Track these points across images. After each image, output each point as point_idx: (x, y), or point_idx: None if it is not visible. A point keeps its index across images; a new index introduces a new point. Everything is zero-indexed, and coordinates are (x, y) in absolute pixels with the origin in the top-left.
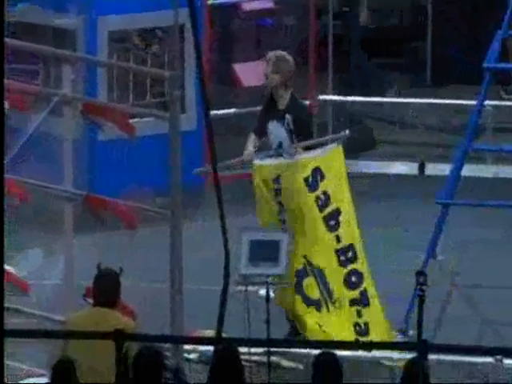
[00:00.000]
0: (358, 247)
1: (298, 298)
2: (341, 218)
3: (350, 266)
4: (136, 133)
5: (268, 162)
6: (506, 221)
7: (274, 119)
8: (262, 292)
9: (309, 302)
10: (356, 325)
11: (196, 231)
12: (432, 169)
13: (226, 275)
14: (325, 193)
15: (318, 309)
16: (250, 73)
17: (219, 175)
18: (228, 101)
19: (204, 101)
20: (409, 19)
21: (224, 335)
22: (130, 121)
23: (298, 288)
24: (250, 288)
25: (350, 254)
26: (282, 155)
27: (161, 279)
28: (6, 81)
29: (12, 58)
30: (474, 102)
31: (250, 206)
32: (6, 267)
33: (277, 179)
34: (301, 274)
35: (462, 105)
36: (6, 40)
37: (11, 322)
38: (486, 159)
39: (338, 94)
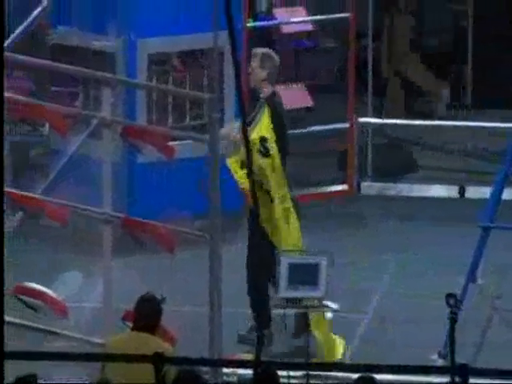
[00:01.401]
0: None
1: None
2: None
3: None
4: (175, 155)
5: (233, 156)
6: None
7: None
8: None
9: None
10: None
11: (235, 254)
12: (472, 192)
13: (267, 295)
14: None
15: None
16: (289, 95)
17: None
18: None
19: (243, 123)
20: (449, 42)
21: (263, 358)
22: (169, 143)
23: None
24: (289, 311)
25: None
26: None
27: (200, 302)
28: (46, 104)
29: (52, 80)
30: None
31: None
32: (46, 290)
33: (242, 165)
34: None
35: (503, 128)
36: (48, 63)
37: (51, 345)
38: None
39: (377, 117)
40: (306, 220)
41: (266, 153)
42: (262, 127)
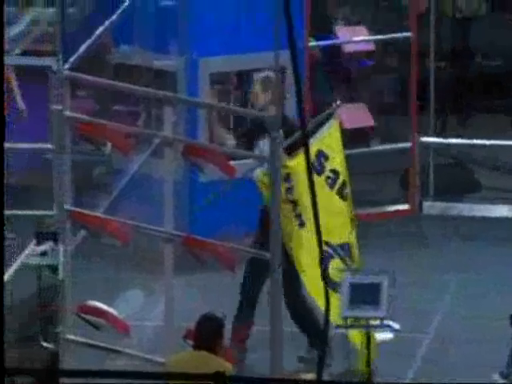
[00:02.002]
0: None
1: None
2: (347, 191)
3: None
4: (236, 174)
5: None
6: None
7: (264, 137)
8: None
9: (333, 285)
10: None
11: None
12: None
13: (327, 318)
14: (333, 171)
15: None
16: (352, 114)
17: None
18: None
19: (305, 143)
20: (511, 60)
21: (324, 378)
22: (231, 162)
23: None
24: (351, 331)
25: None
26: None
27: (261, 321)
28: (108, 123)
29: (114, 99)
30: None
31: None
32: (108, 308)
33: (287, 178)
34: (325, 262)
35: None
36: (110, 82)
37: (113, 363)
38: None
39: (440, 137)
40: (368, 239)
41: (321, 171)
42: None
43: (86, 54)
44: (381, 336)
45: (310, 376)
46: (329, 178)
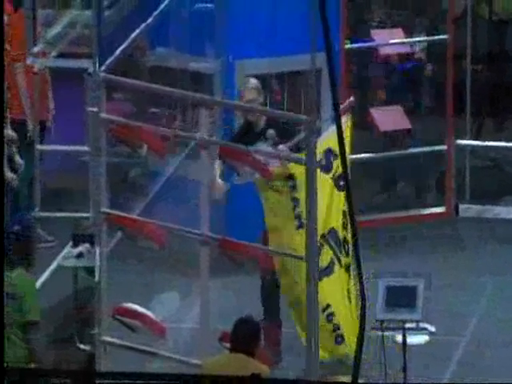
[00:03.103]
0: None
1: None
2: (342, 183)
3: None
4: (272, 176)
5: (275, 164)
6: None
7: (254, 143)
8: (399, 338)
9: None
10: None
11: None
12: None
13: (363, 320)
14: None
15: (329, 274)
16: (386, 117)
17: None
18: (364, 145)
19: (341, 145)
20: None
21: (360, 381)
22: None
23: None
24: (387, 333)
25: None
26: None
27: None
28: (144, 125)
29: (150, 102)
30: None
31: (382, 253)
32: (144, 311)
33: (291, 177)
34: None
35: None
36: (146, 84)
37: (149, 366)
38: None
39: (476, 139)
40: (404, 242)
41: (329, 169)
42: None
43: (122, 57)
44: (417, 338)
45: (346, 379)
46: (336, 172)
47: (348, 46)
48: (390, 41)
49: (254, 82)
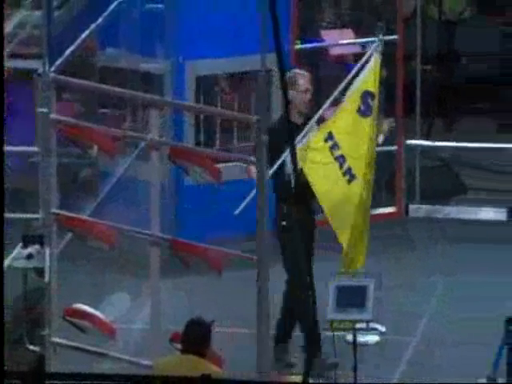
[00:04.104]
0: None
1: None
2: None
3: None
4: (223, 177)
5: (313, 132)
6: None
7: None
8: (349, 338)
9: None
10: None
11: (282, 275)
12: None
13: (314, 320)
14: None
15: None
16: None
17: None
18: None
19: (291, 145)
20: (497, 63)
21: (311, 380)
22: (217, 165)
23: None
24: (337, 333)
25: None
26: None
27: (248, 324)
28: (95, 126)
29: (100, 102)
30: None
31: (336, 251)
32: (94, 311)
33: (329, 137)
34: None
35: None
36: (96, 85)
37: (99, 366)
38: None
39: (426, 140)
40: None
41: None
42: None
43: (72, 57)
44: (367, 338)
45: (298, 379)
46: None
47: (298, 46)
48: (340, 41)
49: (306, 72)
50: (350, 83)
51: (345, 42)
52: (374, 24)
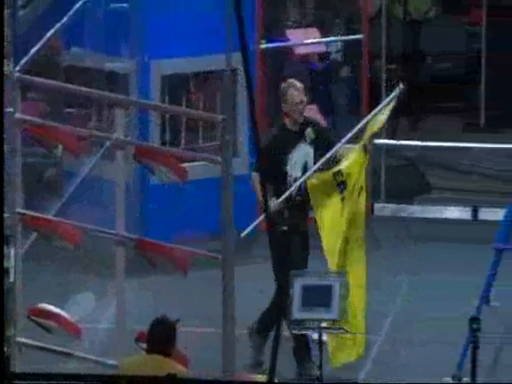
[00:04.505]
0: None
1: None
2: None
3: None
4: (188, 177)
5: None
6: None
7: (296, 145)
8: (315, 337)
9: None
10: None
11: (249, 275)
12: (485, 214)
13: (279, 320)
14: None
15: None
16: None
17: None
18: None
19: (256, 145)
20: (462, 63)
21: (276, 380)
22: (182, 164)
23: None
24: (303, 333)
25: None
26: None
27: (213, 324)
28: (60, 125)
29: (65, 102)
30: None
31: None
32: (59, 311)
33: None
34: None
35: None
36: (61, 84)
37: (64, 366)
38: None
39: (391, 139)
40: (320, 241)
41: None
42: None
43: (37, 57)
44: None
45: (263, 378)
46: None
47: (264, 45)
48: (305, 40)
49: (299, 84)
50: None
51: (310, 41)
52: (339, 23)
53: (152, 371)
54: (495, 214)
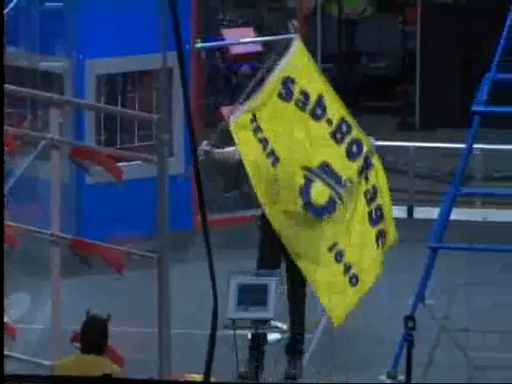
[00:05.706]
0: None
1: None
2: (325, 100)
3: (349, 138)
4: (123, 176)
5: (239, 111)
6: (495, 264)
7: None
8: (249, 336)
9: (318, 211)
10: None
11: (185, 275)
12: (420, 212)
13: (215, 319)
14: (302, 92)
15: (331, 212)
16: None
17: (212, 218)
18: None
19: (192, 144)
20: (397, 62)
21: (212, 379)
22: (118, 164)
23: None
24: (239, 332)
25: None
26: None
27: (149, 323)
28: None
29: None
30: (462, 146)
31: (241, 249)
32: None
33: (253, 118)
34: (306, 187)
35: (451, 148)
36: None
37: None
38: (474, 202)
39: None
40: (245, 242)
41: (289, 97)
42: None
43: None
44: (269, 337)
45: (199, 377)
46: (299, 101)
47: (199, 45)
48: (241, 39)
49: None
50: (270, 70)
51: (245, 40)
52: (274, 22)
53: (87, 371)
54: (430, 213)
